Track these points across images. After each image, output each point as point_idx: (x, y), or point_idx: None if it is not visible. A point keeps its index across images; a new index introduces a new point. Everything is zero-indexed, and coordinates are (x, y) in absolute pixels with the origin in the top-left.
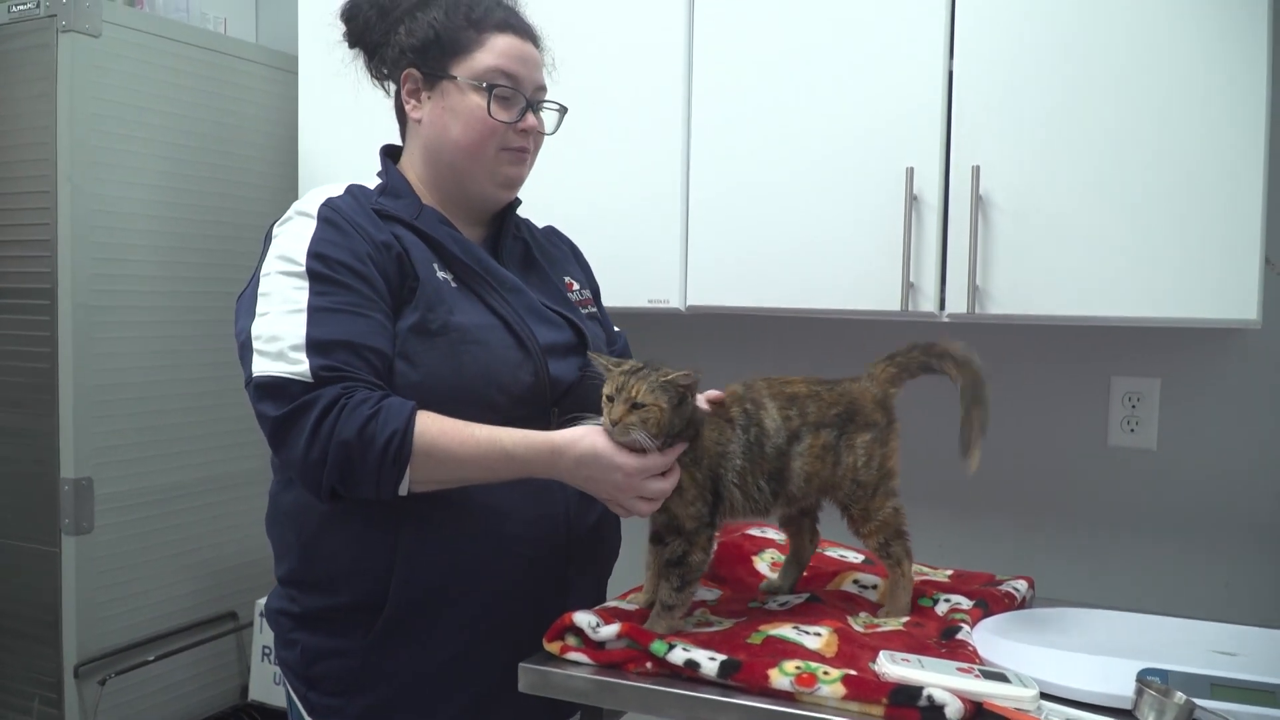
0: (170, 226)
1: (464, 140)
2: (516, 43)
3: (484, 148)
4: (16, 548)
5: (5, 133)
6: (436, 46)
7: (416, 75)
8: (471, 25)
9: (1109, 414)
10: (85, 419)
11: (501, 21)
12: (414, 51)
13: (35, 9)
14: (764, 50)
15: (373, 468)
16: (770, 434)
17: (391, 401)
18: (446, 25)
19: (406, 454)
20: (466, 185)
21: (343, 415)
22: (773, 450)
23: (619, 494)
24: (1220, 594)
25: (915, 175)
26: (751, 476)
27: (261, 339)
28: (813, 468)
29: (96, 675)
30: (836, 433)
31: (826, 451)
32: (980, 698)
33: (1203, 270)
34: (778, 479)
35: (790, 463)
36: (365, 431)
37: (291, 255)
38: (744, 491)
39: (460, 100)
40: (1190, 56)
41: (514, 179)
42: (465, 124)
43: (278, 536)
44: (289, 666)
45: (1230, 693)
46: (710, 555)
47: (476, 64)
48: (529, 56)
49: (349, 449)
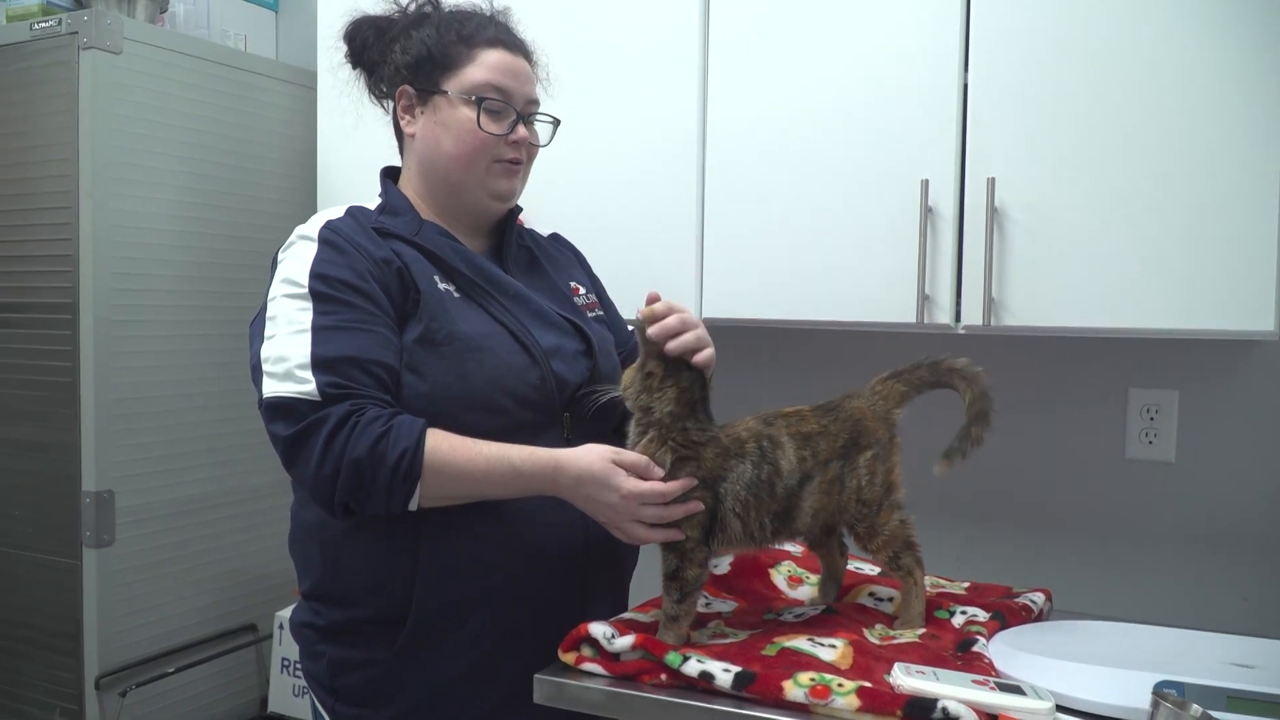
0: (190, 241)
1: (456, 153)
2: (507, 57)
3: (476, 160)
4: (38, 560)
5: (28, 149)
6: (429, 63)
7: (410, 91)
8: (462, 41)
9: (1127, 426)
10: (106, 432)
11: (492, 37)
12: (408, 69)
13: (57, 26)
14: (778, 62)
15: (383, 485)
16: (784, 475)
17: (402, 419)
18: (438, 41)
19: (417, 472)
20: (460, 197)
21: (354, 434)
22: (784, 491)
23: (616, 516)
24: (1238, 606)
25: (930, 187)
26: (755, 512)
27: (270, 360)
28: (820, 503)
29: (117, 687)
30: (842, 463)
31: (833, 484)
32: (996, 710)
33: (1220, 281)
34: (784, 518)
35: (800, 503)
36: (376, 450)
37: (294, 278)
38: (744, 524)
39: (451, 114)
40: (1206, 66)
41: (506, 191)
42: (457, 137)
43: (300, 553)
44: (315, 679)
45: (1247, 705)
46: (706, 570)
47: (467, 78)
48: (519, 70)
49: (360, 467)
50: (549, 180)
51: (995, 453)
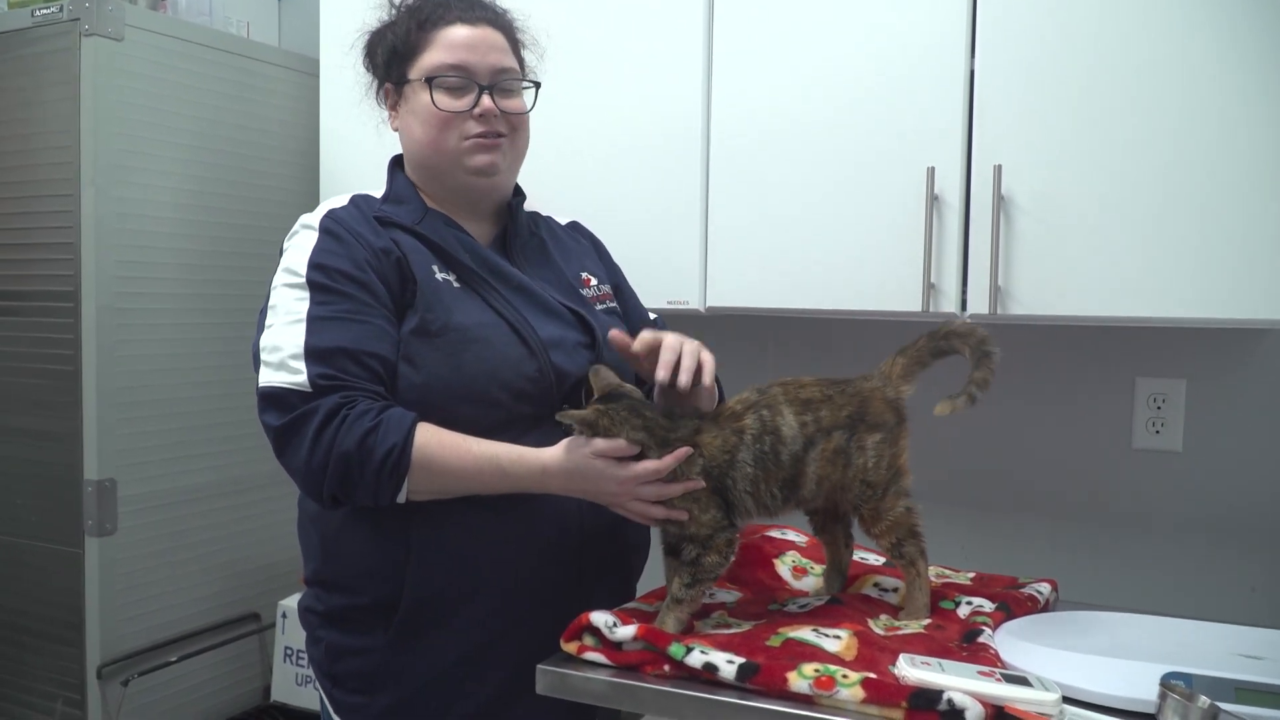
0: (192, 229)
1: (425, 138)
2: (464, 31)
3: (443, 141)
4: (40, 549)
5: (28, 136)
6: (396, 57)
7: (390, 88)
8: (419, 27)
9: (1134, 415)
10: (108, 421)
11: (448, 16)
12: (384, 67)
13: (58, 13)
14: (783, 49)
15: (370, 479)
16: (787, 441)
17: (392, 413)
18: (401, 34)
19: (405, 467)
20: (444, 181)
21: (343, 427)
22: (789, 458)
23: (617, 499)
24: (1246, 597)
25: (936, 175)
26: (765, 485)
27: (266, 350)
28: (824, 471)
29: (119, 676)
30: (847, 434)
31: (838, 455)
32: (1001, 702)
33: (1228, 269)
34: (791, 485)
35: (805, 468)
36: (364, 444)
37: (294, 268)
38: (756, 499)
39: (416, 100)
40: (1215, 51)
41: (485, 166)
42: (422, 121)
43: (304, 539)
44: (316, 664)
45: (1255, 697)
46: (729, 559)
47: (425, 62)
48: (479, 42)
49: (348, 460)
50: (551, 169)
51: (1001, 442)
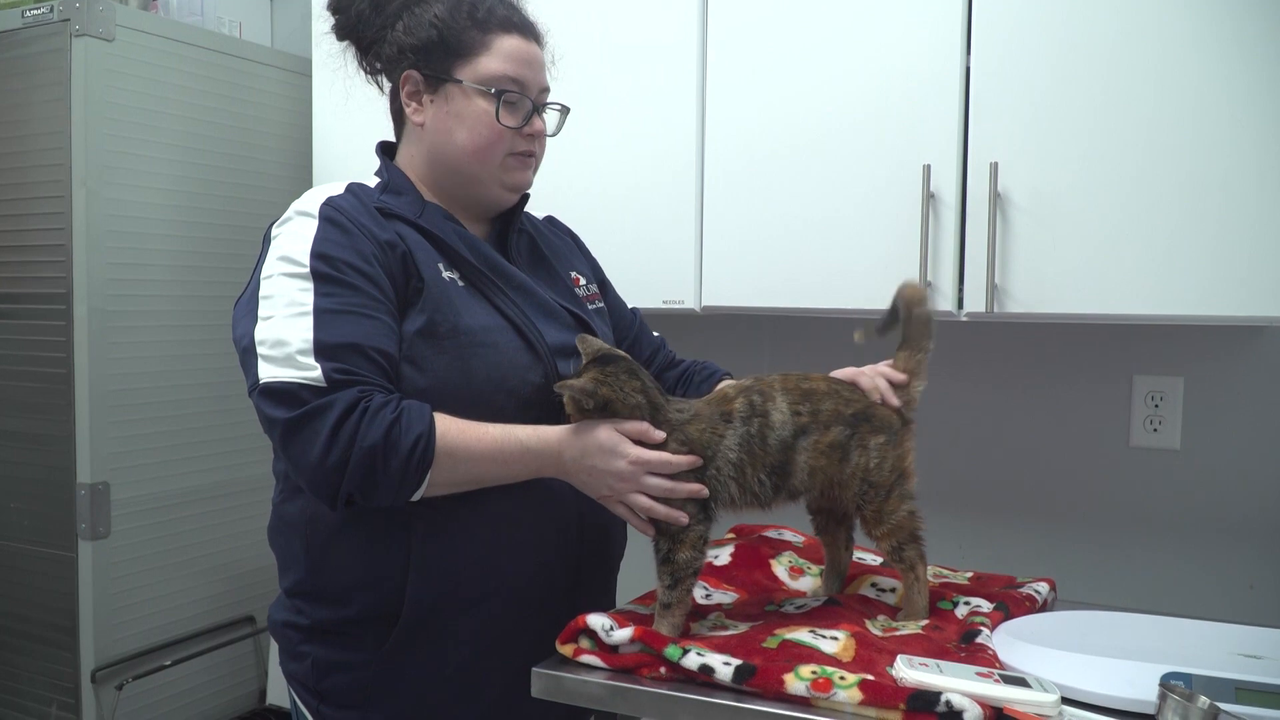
0: (185, 230)
1: (471, 146)
2: (522, 44)
3: (491, 154)
4: (33, 553)
5: (19, 138)
6: (440, 48)
7: (417, 77)
8: (476, 25)
9: (1131, 413)
10: (101, 424)
11: (505, 20)
12: (414, 52)
13: (49, 14)
14: (778, 46)
15: (396, 472)
16: (775, 427)
17: (410, 404)
18: (450, 25)
19: (430, 457)
20: (471, 189)
21: (364, 420)
22: (776, 443)
23: (621, 485)
24: (1245, 596)
25: (932, 172)
26: (751, 470)
27: (266, 344)
28: (817, 463)
29: (113, 680)
30: (848, 431)
31: (834, 449)
32: (1000, 703)
33: (1226, 267)
34: (780, 473)
35: (795, 457)
36: (390, 435)
37: (294, 256)
38: (741, 485)
39: (466, 105)
40: (1213, 48)
41: (520, 183)
42: (471, 130)
43: (282, 547)
44: (298, 680)
45: (1255, 696)
46: (703, 553)
47: (482, 68)
48: (534, 58)
49: (374, 454)
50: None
51: (998, 441)
